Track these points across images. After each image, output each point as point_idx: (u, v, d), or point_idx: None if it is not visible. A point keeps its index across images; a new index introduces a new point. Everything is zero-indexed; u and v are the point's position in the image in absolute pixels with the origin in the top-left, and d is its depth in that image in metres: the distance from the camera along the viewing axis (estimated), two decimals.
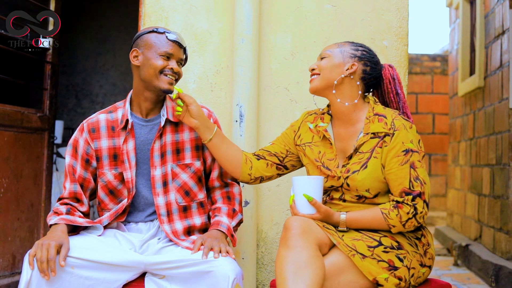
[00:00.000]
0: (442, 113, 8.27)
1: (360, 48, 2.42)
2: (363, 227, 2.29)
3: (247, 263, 2.94)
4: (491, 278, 4.30)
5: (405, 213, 2.24)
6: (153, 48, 2.39)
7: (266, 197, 3.05)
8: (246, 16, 2.96)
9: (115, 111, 2.50)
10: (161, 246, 2.39)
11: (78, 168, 2.46)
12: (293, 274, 2.09)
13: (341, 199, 2.37)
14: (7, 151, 3.42)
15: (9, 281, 3.41)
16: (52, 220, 2.34)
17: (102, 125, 2.47)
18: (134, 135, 2.45)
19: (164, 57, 2.39)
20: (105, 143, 2.45)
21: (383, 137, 2.30)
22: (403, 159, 2.26)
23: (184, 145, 2.47)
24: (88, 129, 2.47)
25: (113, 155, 2.45)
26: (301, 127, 2.54)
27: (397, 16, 3.05)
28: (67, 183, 2.46)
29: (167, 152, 2.45)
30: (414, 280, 2.26)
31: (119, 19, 6.41)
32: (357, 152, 2.34)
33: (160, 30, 2.42)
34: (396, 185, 2.27)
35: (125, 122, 2.44)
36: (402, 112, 2.46)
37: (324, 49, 2.44)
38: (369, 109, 2.38)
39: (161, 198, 2.44)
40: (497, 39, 5.00)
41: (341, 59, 2.38)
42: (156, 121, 2.47)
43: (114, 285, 2.27)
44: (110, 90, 6.46)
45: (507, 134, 4.55)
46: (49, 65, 3.76)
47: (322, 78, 2.39)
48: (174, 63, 2.40)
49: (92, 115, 2.52)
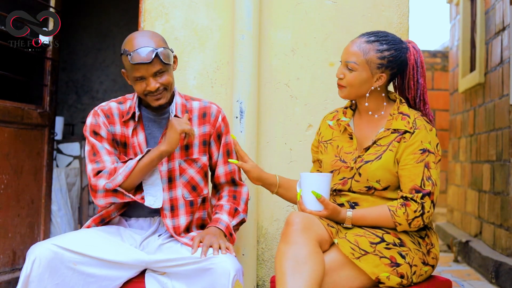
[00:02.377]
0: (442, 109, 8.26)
1: (386, 52, 2.33)
2: (369, 225, 2.29)
3: (247, 259, 2.94)
4: (491, 275, 4.30)
5: (412, 211, 2.24)
6: (129, 73, 2.38)
7: (267, 193, 3.04)
8: (246, 12, 2.96)
9: (124, 102, 2.50)
10: (160, 242, 2.40)
11: (106, 145, 2.41)
12: (292, 269, 2.10)
13: (349, 190, 2.38)
14: (7, 147, 3.42)
15: (9, 277, 3.42)
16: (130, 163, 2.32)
17: (115, 112, 2.47)
18: (144, 127, 2.45)
19: (139, 80, 2.34)
20: (118, 129, 2.45)
21: (403, 133, 2.31)
22: (419, 158, 2.27)
23: (192, 140, 2.45)
24: (104, 114, 2.45)
25: (123, 143, 2.45)
26: (321, 127, 2.57)
27: (398, 12, 3.05)
28: (104, 156, 2.38)
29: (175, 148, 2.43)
30: (416, 277, 2.26)
31: (120, 15, 6.40)
32: (374, 144, 2.36)
33: (126, 51, 2.34)
34: (408, 182, 2.27)
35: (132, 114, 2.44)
36: (420, 100, 2.43)
37: (347, 53, 2.36)
38: (394, 107, 2.39)
39: (165, 193, 2.43)
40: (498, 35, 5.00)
41: (369, 73, 2.33)
42: (165, 116, 2.47)
43: (115, 282, 2.27)
44: (110, 86, 6.45)
45: (507, 131, 4.54)
46: (49, 61, 3.76)
47: (350, 92, 2.38)
48: (150, 82, 2.32)
49: (103, 103, 2.51)
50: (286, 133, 3.05)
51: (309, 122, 3.04)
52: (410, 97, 2.44)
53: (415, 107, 2.44)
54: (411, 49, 2.40)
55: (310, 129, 3.04)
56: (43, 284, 2.16)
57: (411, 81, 2.42)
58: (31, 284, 2.15)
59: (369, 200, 2.35)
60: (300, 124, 3.05)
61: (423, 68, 2.41)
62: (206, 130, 2.50)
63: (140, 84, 2.34)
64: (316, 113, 3.03)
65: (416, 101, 2.44)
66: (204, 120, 2.50)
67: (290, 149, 3.05)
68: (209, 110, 2.51)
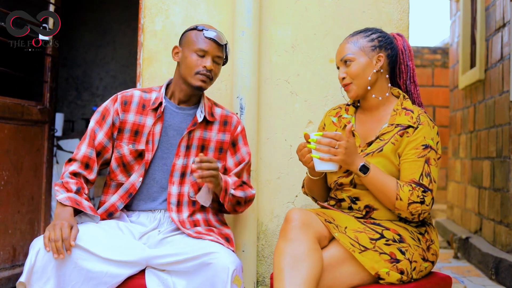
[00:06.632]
0: (442, 105, 8.26)
1: (373, 35, 2.42)
2: (377, 184, 2.27)
3: (247, 255, 2.95)
4: (491, 271, 4.30)
5: (416, 195, 2.24)
6: (191, 46, 2.46)
7: (267, 189, 3.05)
8: (246, 9, 2.96)
9: (149, 93, 2.56)
10: (162, 237, 2.41)
11: (100, 135, 2.48)
12: (290, 266, 2.10)
13: (352, 183, 2.38)
14: (7, 143, 3.42)
15: (9, 273, 3.42)
16: (60, 195, 2.33)
17: (135, 100, 2.53)
18: (163, 119, 2.50)
19: (199, 54, 2.44)
20: (131, 117, 2.50)
21: (406, 128, 2.33)
22: (421, 153, 2.28)
23: (210, 143, 2.54)
24: (121, 101, 2.52)
25: (135, 131, 2.50)
26: (325, 122, 2.58)
27: (398, 8, 3.05)
28: (83, 145, 2.47)
29: (192, 146, 2.51)
30: (416, 273, 2.26)
31: (120, 11, 6.40)
32: (377, 139, 2.37)
33: (199, 27, 2.48)
34: (407, 175, 2.28)
35: (158, 105, 2.49)
36: (411, 82, 2.49)
37: (340, 53, 2.42)
38: (397, 103, 2.42)
39: (175, 187, 2.48)
40: (498, 32, 4.99)
41: (366, 57, 2.38)
42: (189, 112, 2.53)
43: (116, 279, 2.27)
44: (110, 82, 6.45)
45: (507, 127, 4.54)
46: (49, 58, 3.76)
47: (358, 85, 2.40)
48: (208, 61, 2.44)
49: (128, 90, 2.59)
50: (286, 129, 3.05)
51: (309, 119, 3.04)
52: (401, 82, 2.50)
53: (407, 91, 2.49)
54: (395, 36, 2.49)
55: (310, 126, 3.04)
56: (46, 275, 2.16)
57: (401, 65, 2.48)
58: (35, 274, 2.16)
59: (370, 196, 2.35)
60: (300, 121, 3.05)
61: (410, 52, 2.49)
62: (225, 138, 2.57)
63: (197, 59, 2.45)
64: (316, 109, 3.03)
65: (407, 84, 2.50)
66: (224, 128, 2.58)
67: (290, 145, 3.05)
68: (231, 120, 2.61)
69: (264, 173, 3.05)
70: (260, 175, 3.04)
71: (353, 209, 2.39)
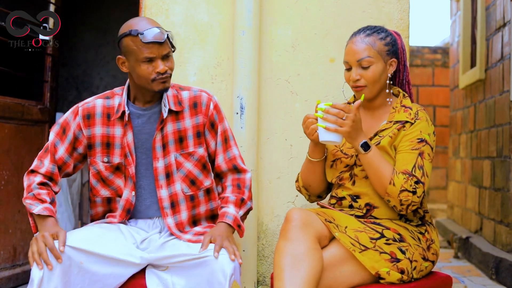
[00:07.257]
0: (442, 105, 8.26)
1: (387, 38, 2.40)
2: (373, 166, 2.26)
3: (248, 255, 2.94)
4: (492, 271, 4.30)
5: (409, 184, 2.23)
6: (134, 55, 2.28)
7: (267, 189, 3.05)
8: (247, 8, 2.96)
9: (112, 98, 2.45)
10: (162, 241, 2.38)
11: (61, 150, 2.41)
12: (290, 266, 2.10)
13: (352, 176, 2.39)
14: (7, 143, 3.42)
15: (10, 273, 3.42)
16: (36, 208, 2.27)
17: (98, 112, 2.42)
18: (132, 127, 2.40)
19: (146, 61, 2.27)
20: (99, 131, 2.41)
21: (404, 123, 2.33)
22: (416, 146, 2.29)
23: (187, 132, 2.42)
24: (82, 114, 2.43)
25: (106, 143, 2.41)
26: None
27: (398, 8, 3.05)
28: (46, 160, 2.40)
29: (169, 143, 2.41)
30: (416, 273, 2.26)
31: (120, 11, 6.39)
32: (376, 136, 2.38)
33: (133, 32, 2.26)
34: (400, 165, 2.28)
35: (122, 113, 2.39)
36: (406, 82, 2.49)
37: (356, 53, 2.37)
38: (397, 101, 2.42)
39: (164, 190, 2.41)
40: (498, 32, 4.99)
41: (382, 62, 2.38)
42: (154, 110, 2.41)
43: (119, 280, 2.25)
44: (110, 82, 6.44)
45: (507, 127, 4.54)
46: (49, 57, 3.76)
47: (371, 90, 2.38)
48: (159, 64, 2.28)
49: (89, 99, 2.47)
50: (287, 129, 3.05)
51: None
52: (397, 81, 2.50)
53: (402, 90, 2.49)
54: (394, 34, 2.46)
55: None
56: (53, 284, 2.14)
57: (400, 65, 2.47)
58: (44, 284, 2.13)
59: (370, 194, 2.35)
60: (301, 120, 3.02)
61: (405, 51, 2.49)
62: (199, 121, 2.44)
63: (147, 67, 2.28)
64: None
65: (403, 83, 2.50)
66: (195, 110, 2.44)
67: (290, 145, 3.05)
68: (200, 99, 2.45)
69: (265, 173, 3.05)
70: (261, 175, 3.04)
71: (353, 207, 2.39)
